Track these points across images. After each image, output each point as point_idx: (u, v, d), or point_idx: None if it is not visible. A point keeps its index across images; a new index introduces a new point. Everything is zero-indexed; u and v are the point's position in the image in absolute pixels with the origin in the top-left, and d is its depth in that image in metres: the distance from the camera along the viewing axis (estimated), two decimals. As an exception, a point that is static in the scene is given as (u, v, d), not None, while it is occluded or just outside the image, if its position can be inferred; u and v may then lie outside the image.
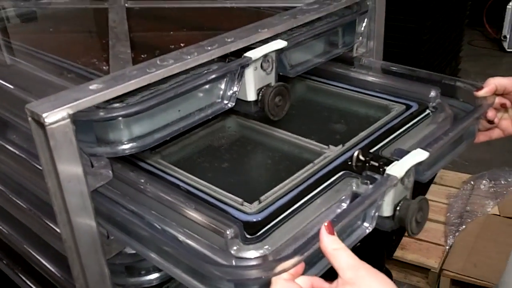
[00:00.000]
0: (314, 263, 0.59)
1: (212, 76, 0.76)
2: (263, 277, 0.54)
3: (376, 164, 0.71)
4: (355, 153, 0.73)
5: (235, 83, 0.80)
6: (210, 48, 0.78)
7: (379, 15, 1.03)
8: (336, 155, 0.75)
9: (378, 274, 0.53)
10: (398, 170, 0.66)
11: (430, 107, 0.87)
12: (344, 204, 0.67)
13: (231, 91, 0.80)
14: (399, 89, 0.90)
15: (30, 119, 0.64)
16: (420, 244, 1.95)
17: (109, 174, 0.73)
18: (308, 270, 0.58)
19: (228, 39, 0.81)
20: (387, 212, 0.67)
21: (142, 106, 0.70)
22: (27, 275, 1.00)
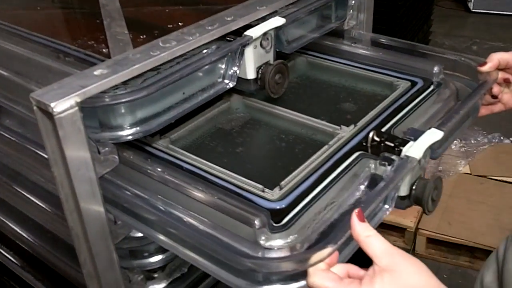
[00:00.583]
0: (340, 250, 0.59)
1: (215, 57, 0.74)
2: (299, 269, 0.54)
3: (391, 144, 0.71)
4: (370, 134, 0.74)
5: (236, 62, 0.79)
6: (211, 28, 0.77)
7: (369, -12, 1.02)
8: (350, 136, 0.75)
9: (412, 259, 0.54)
10: (416, 152, 0.66)
11: (434, 83, 0.87)
12: (362, 186, 0.68)
13: (231, 71, 0.79)
14: (402, 64, 0.90)
15: (35, 108, 0.62)
16: (396, 205, 2.00)
17: (115, 160, 0.72)
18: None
19: (227, 17, 0.80)
20: (404, 191, 0.67)
21: (149, 91, 0.68)
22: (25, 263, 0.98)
